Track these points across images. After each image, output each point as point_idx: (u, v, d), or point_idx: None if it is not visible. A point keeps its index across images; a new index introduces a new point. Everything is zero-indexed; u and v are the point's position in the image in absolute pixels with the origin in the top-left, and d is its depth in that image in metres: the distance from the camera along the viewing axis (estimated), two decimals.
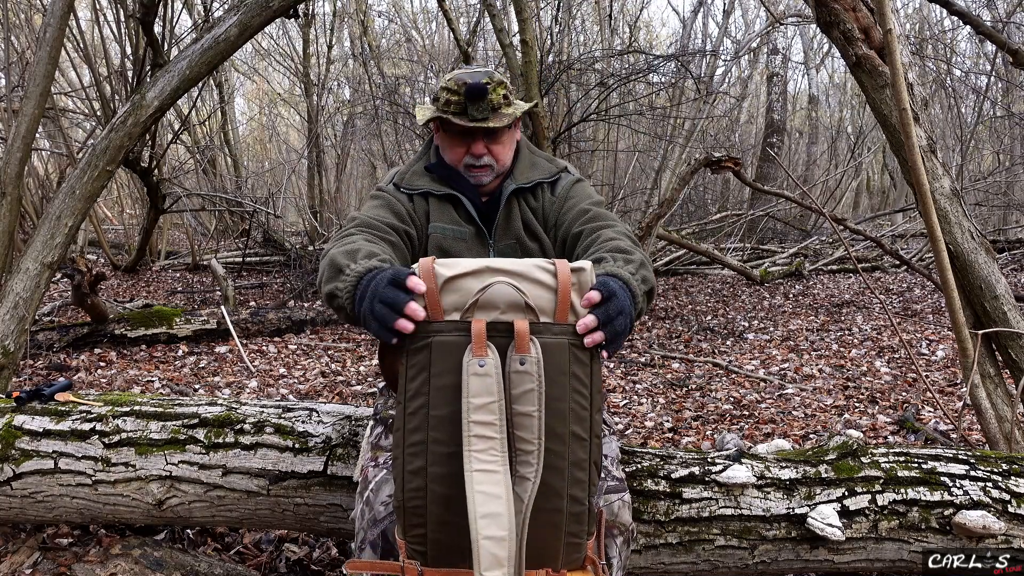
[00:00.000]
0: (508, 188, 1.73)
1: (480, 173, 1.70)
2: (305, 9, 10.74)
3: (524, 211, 1.75)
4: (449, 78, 1.63)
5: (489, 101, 1.61)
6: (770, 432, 3.58)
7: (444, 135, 1.71)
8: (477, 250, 1.73)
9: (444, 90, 1.63)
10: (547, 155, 1.85)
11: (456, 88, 1.61)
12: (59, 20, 3.26)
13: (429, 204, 1.72)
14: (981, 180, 11.58)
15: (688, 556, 1.83)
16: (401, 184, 1.74)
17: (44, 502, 2.09)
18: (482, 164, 1.69)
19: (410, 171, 1.77)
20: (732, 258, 8.67)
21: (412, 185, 1.73)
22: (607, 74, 7.77)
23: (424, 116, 1.68)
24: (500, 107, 1.63)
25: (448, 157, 1.72)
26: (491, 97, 1.61)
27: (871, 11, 2.46)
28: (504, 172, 1.75)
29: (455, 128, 1.65)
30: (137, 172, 6.82)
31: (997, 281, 2.41)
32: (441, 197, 1.72)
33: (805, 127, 16.61)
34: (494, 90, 1.62)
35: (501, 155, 1.71)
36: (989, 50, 9.07)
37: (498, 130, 1.66)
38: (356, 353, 5.29)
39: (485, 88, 1.59)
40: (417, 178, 1.74)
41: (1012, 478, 1.83)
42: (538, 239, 1.75)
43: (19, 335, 3.09)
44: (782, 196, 6.07)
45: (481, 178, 1.71)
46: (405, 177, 1.75)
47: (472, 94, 1.59)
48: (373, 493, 1.57)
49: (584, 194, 1.75)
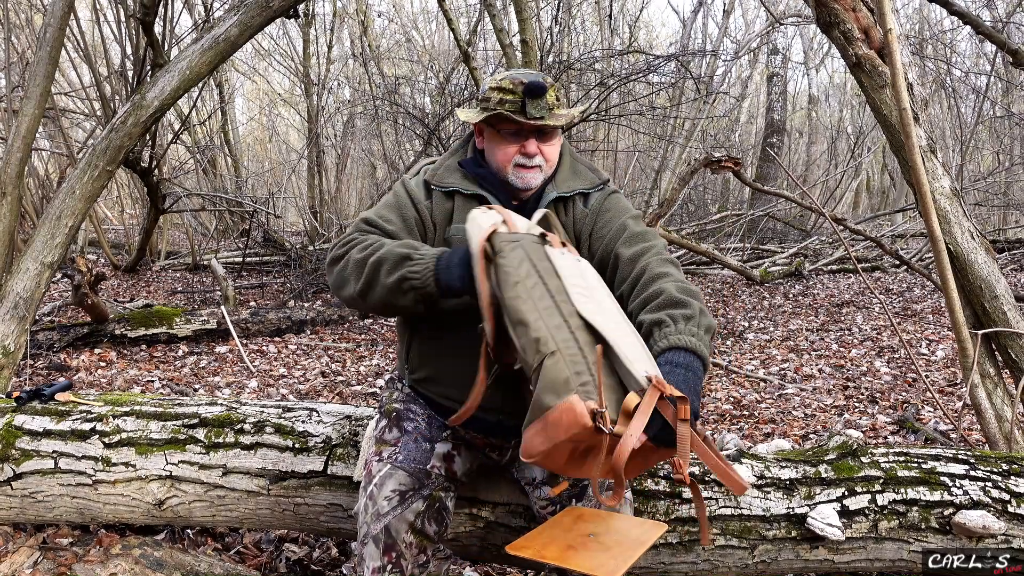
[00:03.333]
0: (550, 195, 1.68)
1: (530, 174, 1.65)
2: (305, 9, 10.73)
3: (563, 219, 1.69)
4: (502, 78, 1.61)
5: (547, 100, 1.59)
6: (770, 432, 3.58)
7: (494, 135, 1.65)
8: None
9: (496, 90, 1.60)
10: (588, 162, 1.80)
11: (512, 87, 1.58)
12: (59, 20, 3.26)
13: (455, 203, 1.67)
14: (981, 180, 11.58)
15: (688, 556, 1.83)
16: (432, 180, 1.69)
17: (44, 502, 2.09)
18: (534, 164, 1.64)
19: (443, 166, 1.72)
20: (732, 258, 8.67)
21: (443, 182, 1.68)
22: (607, 74, 7.77)
23: (475, 116, 1.63)
24: (555, 107, 1.61)
25: (497, 158, 1.66)
26: (548, 95, 1.59)
27: (871, 11, 2.46)
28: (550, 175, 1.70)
29: (509, 127, 1.62)
30: (137, 172, 6.82)
31: (997, 281, 2.41)
32: (468, 196, 1.67)
33: (805, 127, 16.62)
34: (550, 91, 1.60)
35: (552, 156, 1.67)
36: (989, 50, 9.06)
37: (551, 130, 1.64)
38: (356, 353, 5.29)
39: (544, 86, 1.58)
40: (449, 174, 1.70)
41: (1012, 478, 1.83)
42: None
43: (19, 335, 3.09)
44: (782, 196, 6.07)
45: (531, 180, 1.65)
46: (437, 173, 1.70)
47: (532, 92, 1.57)
48: (377, 488, 1.57)
49: (620, 207, 1.70)
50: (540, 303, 1.34)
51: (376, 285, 1.50)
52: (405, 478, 1.57)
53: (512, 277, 1.37)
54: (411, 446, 1.62)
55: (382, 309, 1.58)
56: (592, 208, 1.70)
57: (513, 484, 1.81)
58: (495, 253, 1.41)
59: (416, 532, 1.55)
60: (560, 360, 1.26)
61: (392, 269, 1.48)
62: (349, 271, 1.54)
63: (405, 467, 1.58)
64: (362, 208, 12.48)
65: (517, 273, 1.37)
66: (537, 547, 1.38)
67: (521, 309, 1.33)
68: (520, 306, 1.33)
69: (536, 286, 1.36)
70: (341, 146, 12.81)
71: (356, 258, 1.54)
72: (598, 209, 1.70)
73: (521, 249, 1.41)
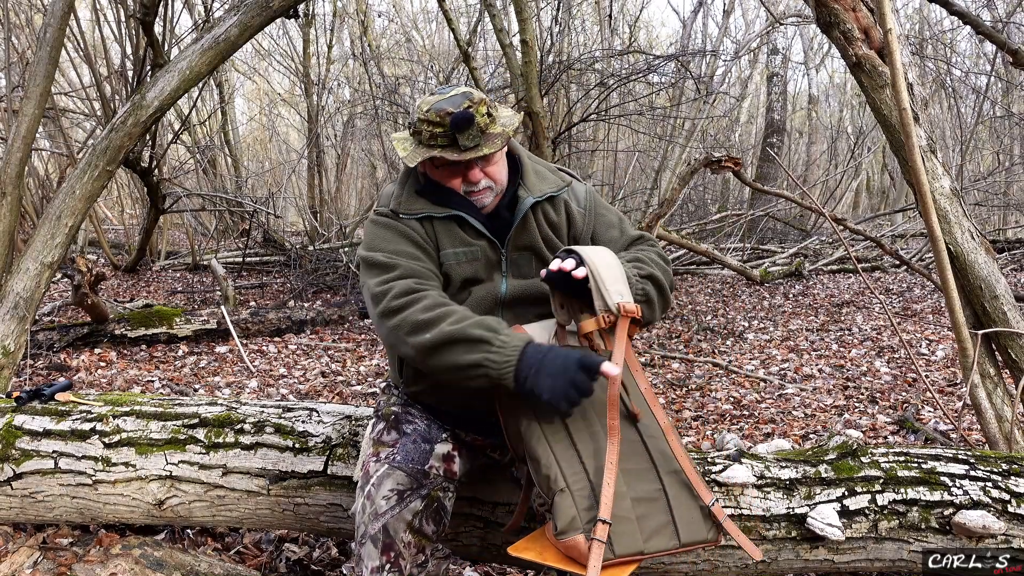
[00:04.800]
0: (526, 201, 1.67)
1: (480, 196, 1.65)
2: (305, 9, 10.74)
3: (541, 222, 1.69)
4: (427, 109, 1.56)
5: (477, 126, 1.54)
6: (770, 432, 3.58)
7: (434, 169, 1.64)
8: (489, 263, 1.67)
9: (424, 123, 1.56)
10: (544, 162, 1.80)
11: (439, 120, 1.54)
12: (59, 20, 3.26)
13: (435, 229, 1.66)
14: (981, 180, 11.58)
15: (688, 556, 1.83)
16: (400, 211, 1.66)
17: (44, 502, 2.09)
18: (481, 188, 1.63)
19: (404, 196, 1.68)
20: (732, 258, 8.67)
21: (411, 210, 1.66)
22: (607, 74, 7.76)
23: (415, 158, 1.59)
24: (488, 128, 1.57)
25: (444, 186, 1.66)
26: (478, 122, 1.54)
27: (871, 11, 2.46)
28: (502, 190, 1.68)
29: (448, 162, 1.60)
30: (137, 172, 6.83)
31: (997, 281, 2.41)
32: (444, 219, 1.65)
33: (805, 127, 16.62)
34: (478, 112, 1.55)
35: (498, 175, 1.65)
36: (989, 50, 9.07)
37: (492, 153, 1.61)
38: (356, 353, 5.29)
39: (471, 116, 1.53)
40: (413, 202, 1.67)
41: (1012, 478, 1.83)
42: (555, 249, 1.70)
43: (19, 335, 3.09)
44: (782, 196, 6.06)
45: (482, 200, 1.65)
46: (402, 203, 1.67)
47: (458, 125, 1.53)
48: (375, 487, 1.57)
49: (603, 204, 1.79)
50: (553, 437, 1.47)
51: (444, 359, 1.47)
52: (403, 478, 1.57)
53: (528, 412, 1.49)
54: (409, 447, 1.62)
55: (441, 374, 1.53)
56: (587, 208, 1.75)
57: (513, 484, 1.81)
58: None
59: (414, 531, 1.55)
60: (568, 497, 1.41)
61: (468, 351, 1.45)
62: (408, 333, 1.50)
63: (403, 467, 1.58)
64: (362, 208, 12.47)
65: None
66: (538, 549, 1.39)
67: (533, 446, 1.47)
68: (532, 443, 1.47)
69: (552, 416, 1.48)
70: (341, 146, 12.82)
71: (419, 319, 1.49)
72: (593, 209, 1.76)
73: None
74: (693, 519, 1.47)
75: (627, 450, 1.48)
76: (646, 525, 1.42)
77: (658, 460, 1.50)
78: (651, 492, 1.46)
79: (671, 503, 1.46)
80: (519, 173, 1.72)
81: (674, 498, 1.47)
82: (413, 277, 1.58)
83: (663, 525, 1.44)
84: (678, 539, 1.44)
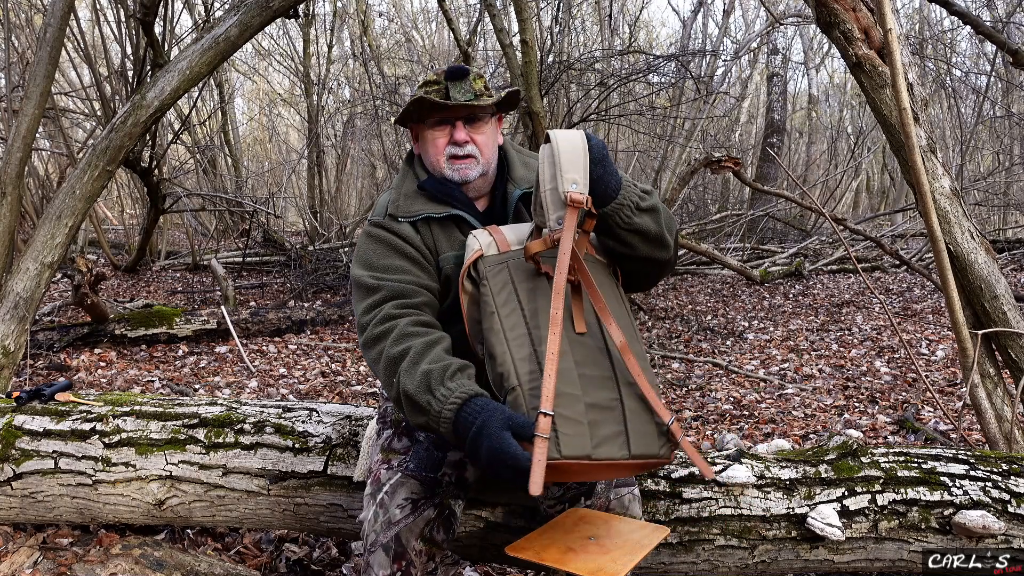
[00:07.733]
0: (514, 194, 1.67)
1: (465, 164, 1.62)
2: (305, 9, 10.74)
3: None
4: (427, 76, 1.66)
5: (471, 85, 1.59)
6: (770, 432, 3.58)
7: (424, 129, 1.65)
8: None
9: (422, 86, 1.62)
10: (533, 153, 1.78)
11: (436, 78, 1.61)
12: (59, 20, 3.26)
13: (433, 232, 1.64)
14: (981, 180, 11.58)
15: (688, 556, 1.83)
16: (397, 214, 1.64)
17: (44, 502, 2.09)
18: (466, 153, 1.62)
19: (402, 196, 1.67)
20: (732, 258, 8.67)
21: (409, 212, 1.63)
22: (607, 74, 7.77)
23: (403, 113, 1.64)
24: (481, 95, 1.61)
25: (431, 154, 1.65)
26: (473, 83, 1.60)
27: (871, 11, 2.46)
28: (490, 170, 1.67)
29: (436, 115, 1.61)
30: (137, 172, 6.83)
31: (997, 281, 2.41)
32: (442, 220, 1.64)
33: (805, 127, 16.62)
34: (475, 78, 1.61)
35: (484, 147, 1.64)
36: (989, 50, 9.07)
37: (480, 118, 1.62)
38: (356, 353, 5.29)
39: (467, 70, 1.60)
40: (412, 202, 1.65)
41: (1012, 478, 1.83)
42: None
43: (19, 335, 3.09)
44: (782, 196, 6.07)
45: (467, 172, 1.62)
46: (400, 205, 1.65)
47: (453, 75, 1.59)
48: (388, 496, 1.55)
49: None
50: (511, 333, 1.40)
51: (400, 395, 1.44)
52: (417, 487, 1.55)
53: (489, 307, 1.43)
54: (422, 454, 1.60)
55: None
56: None
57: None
58: (479, 279, 1.45)
59: (426, 540, 1.53)
60: (519, 396, 1.34)
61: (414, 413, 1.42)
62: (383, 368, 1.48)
63: (416, 475, 1.56)
64: (362, 208, 12.47)
65: (496, 300, 1.43)
66: (537, 549, 1.39)
67: (491, 341, 1.41)
68: (491, 338, 1.41)
69: (512, 312, 1.42)
70: (341, 146, 12.82)
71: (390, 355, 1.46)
72: None
73: (506, 271, 1.45)
74: (647, 432, 1.39)
75: (588, 357, 1.40)
76: (597, 432, 1.34)
77: (619, 371, 1.43)
78: (607, 400, 1.38)
79: (626, 414, 1.38)
80: (507, 167, 1.71)
81: (630, 410, 1.39)
82: (396, 298, 1.55)
83: (616, 434, 1.36)
84: (628, 450, 1.36)
